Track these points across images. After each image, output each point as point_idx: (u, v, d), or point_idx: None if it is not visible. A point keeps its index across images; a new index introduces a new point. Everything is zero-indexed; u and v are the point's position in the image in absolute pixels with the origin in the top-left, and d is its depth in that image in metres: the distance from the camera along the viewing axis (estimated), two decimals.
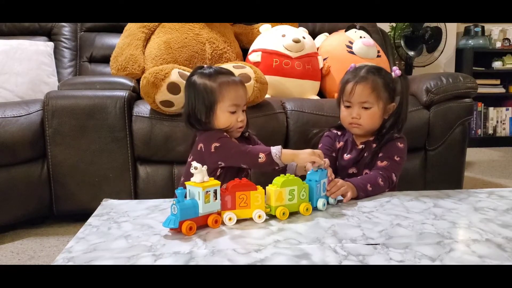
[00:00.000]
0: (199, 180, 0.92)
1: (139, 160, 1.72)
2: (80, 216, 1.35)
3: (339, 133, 1.38)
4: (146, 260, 0.79)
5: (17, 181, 1.62)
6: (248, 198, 0.97)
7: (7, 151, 1.58)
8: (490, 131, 3.76)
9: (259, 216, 0.97)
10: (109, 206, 1.13)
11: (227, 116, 1.20)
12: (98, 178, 1.66)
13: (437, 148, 1.84)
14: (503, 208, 1.08)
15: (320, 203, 1.05)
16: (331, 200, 1.10)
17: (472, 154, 3.17)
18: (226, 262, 0.77)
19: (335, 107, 1.41)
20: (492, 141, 3.71)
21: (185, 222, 0.90)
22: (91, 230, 0.95)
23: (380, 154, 1.28)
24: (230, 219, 0.96)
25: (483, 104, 3.73)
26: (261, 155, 1.13)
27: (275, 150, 1.13)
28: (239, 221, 0.98)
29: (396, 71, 1.31)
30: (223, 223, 0.96)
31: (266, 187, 1.00)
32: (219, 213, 0.96)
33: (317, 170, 1.07)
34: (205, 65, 1.26)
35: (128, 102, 1.67)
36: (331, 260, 0.78)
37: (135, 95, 1.77)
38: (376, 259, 0.79)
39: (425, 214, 1.03)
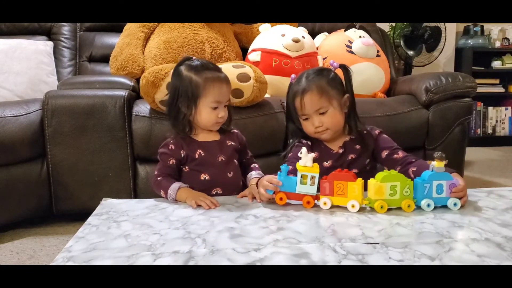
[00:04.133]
0: (301, 163, 1.06)
1: (138, 160, 1.72)
2: (79, 215, 1.35)
3: (309, 143, 1.31)
4: (145, 259, 0.79)
5: (17, 181, 1.61)
6: (345, 188, 1.06)
7: (6, 151, 1.58)
8: (490, 131, 3.76)
9: (353, 206, 1.05)
10: (109, 206, 1.13)
11: (208, 111, 1.22)
12: (98, 177, 1.66)
13: (436, 147, 1.84)
14: (502, 208, 1.08)
15: (424, 203, 1.05)
16: (451, 205, 1.07)
17: (472, 153, 3.17)
18: (225, 262, 0.78)
19: None
20: (492, 140, 3.71)
21: (280, 193, 1.06)
22: (90, 229, 0.95)
23: (386, 151, 1.26)
24: (325, 203, 1.06)
25: (482, 104, 3.73)
26: (162, 192, 1.19)
27: (171, 191, 1.17)
28: (239, 220, 0.99)
29: (334, 64, 1.29)
30: (316, 206, 1.07)
31: (368, 181, 1.06)
32: (316, 197, 1.07)
33: (432, 170, 1.06)
34: (193, 57, 1.28)
35: (128, 101, 1.67)
36: (331, 259, 0.78)
37: (135, 95, 1.77)
38: (376, 258, 0.79)
39: (424, 213, 1.03)
